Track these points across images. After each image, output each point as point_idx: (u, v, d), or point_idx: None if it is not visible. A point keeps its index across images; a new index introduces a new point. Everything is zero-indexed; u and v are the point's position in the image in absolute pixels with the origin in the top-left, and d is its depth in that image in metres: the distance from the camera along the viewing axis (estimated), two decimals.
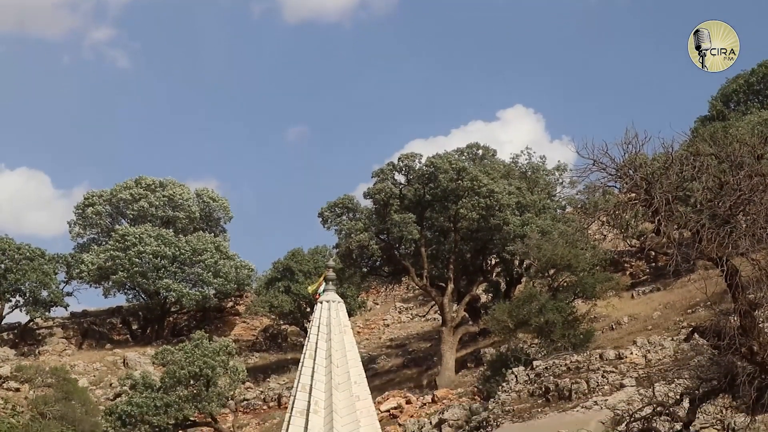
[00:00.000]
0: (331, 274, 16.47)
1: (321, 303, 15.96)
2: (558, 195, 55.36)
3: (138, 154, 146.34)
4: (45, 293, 62.50)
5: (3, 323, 65.17)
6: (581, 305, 40.82)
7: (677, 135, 18.50)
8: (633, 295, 47.90)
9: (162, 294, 64.32)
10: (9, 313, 64.55)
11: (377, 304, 71.30)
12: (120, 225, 67.11)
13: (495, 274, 54.26)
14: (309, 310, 55.20)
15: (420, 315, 65.01)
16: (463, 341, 50.64)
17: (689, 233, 17.22)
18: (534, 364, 35.31)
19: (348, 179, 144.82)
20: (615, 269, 50.28)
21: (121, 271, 62.31)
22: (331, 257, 44.09)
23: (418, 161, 48.35)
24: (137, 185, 68.30)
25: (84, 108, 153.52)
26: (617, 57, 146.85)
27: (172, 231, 65.46)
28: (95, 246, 66.38)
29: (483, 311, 50.14)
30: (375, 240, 48.85)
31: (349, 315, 17.34)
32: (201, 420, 42.92)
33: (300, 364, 15.57)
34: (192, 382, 41.21)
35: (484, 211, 46.18)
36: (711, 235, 16.43)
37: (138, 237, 62.99)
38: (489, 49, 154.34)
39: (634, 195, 17.73)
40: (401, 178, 48.78)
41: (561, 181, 55.16)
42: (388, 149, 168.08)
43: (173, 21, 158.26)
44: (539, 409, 32.23)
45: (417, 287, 54.67)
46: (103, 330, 68.07)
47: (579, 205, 49.39)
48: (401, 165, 48.56)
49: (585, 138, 17.56)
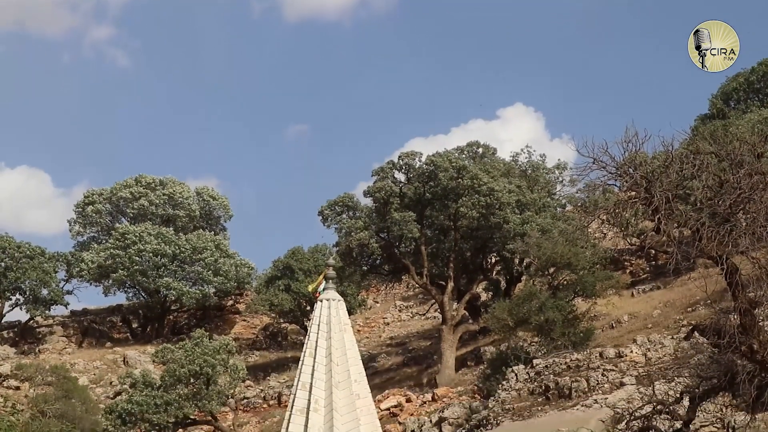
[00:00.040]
0: (331, 272, 16.45)
1: (321, 301, 15.94)
2: (558, 193, 55.40)
3: (138, 152, 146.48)
4: (45, 291, 62.56)
5: (3, 321, 65.20)
6: (581, 303, 40.83)
7: (677, 133, 18.50)
8: (633, 294, 47.94)
9: (162, 292, 64.35)
10: (9, 312, 64.66)
11: (377, 302, 71.31)
12: (120, 223, 67.13)
13: (495, 272, 54.30)
14: (309, 308, 55.20)
15: (420, 313, 65.02)
16: (463, 339, 50.67)
17: (689, 231, 17.22)
18: (534, 362, 35.32)
19: (348, 177, 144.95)
20: (615, 267, 50.28)
21: (121, 270, 62.35)
22: (331, 255, 44.14)
23: (418, 159, 48.31)
24: (137, 184, 68.30)
25: (84, 106, 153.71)
26: (617, 55, 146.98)
27: (172, 229, 65.46)
28: (95, 244, 66.37)
29: (483, 309, 50.19)
30: (375, 238, 48.84)
31: (349, 313, 17.32)
32: (201, 418, 42.92)
33: (300, 362, 15.56)
34: (192, 380, 41.21)
35: (484, 210, 46.17)
36: (711, 234, 16.42)
37: (138, 235, 63.00)
38: (489, 47, 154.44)
39: (634, 193, 17.74)
40: (401, 176, 48.76)
41: (561, 180, 55.24)
42: (388, 148, 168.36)
43: (173, 20, 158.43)
44: (539, 408, 32.24)
45: (417, 285, 54.70)
46: (104, 328, 68.10)
47: (579, 204, 49.40)
48: (401, 163, 48.54)
49: (585, 136, 17.61)
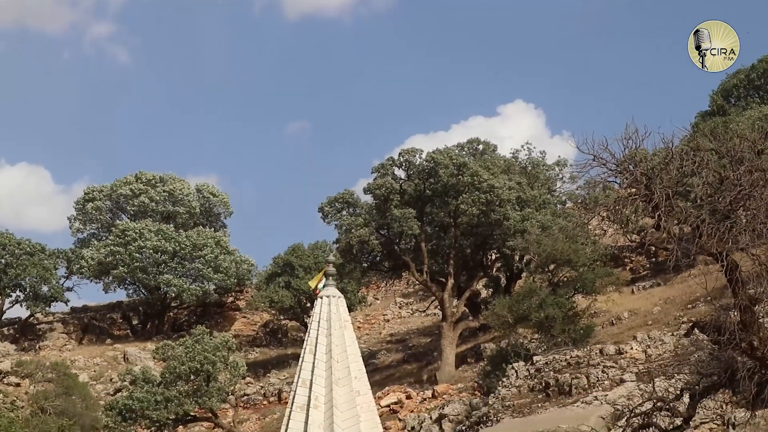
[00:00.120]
0: (332, 269, 16.46)
1: (321, 298, 15.95)
2: (558, 190, 55.42)
3: (138, 149, 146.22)
4: (45, 288, 62.60)
5: (3, 318, 65.21)
6: (581, 300, 40.84)
7: (677, 130, 18.49)
8: (633, 290, 47.95)
9: (162, 289, 64.38)
10: (9, 309, 64.71)
11: (377, 299, 71.32)
12: (120, 220, 67.18)
13: (495, 269, 54.30)
14: (309, 305, 55.20)
15: (420, 310, 65.01)
16: (463, 336, 50.68)
17: (689, 228, 17.21)
18: (534, 359, 35.34)
19: (348, 174, 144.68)
20: (615, 264, 50.28)
21: (122, 266, 62.39)
22: (332, 252, 44.12)
23: (418, 156, 48.30)
24: (137, 180, 68.30)
25: (84, 103, 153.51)
26: (618, 52, 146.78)
27: (172, 226, 65.46)
28: (95, 241, 66.36)
29: (483, 306, 50.21)
30: (375, 235, 48.83)
31: (350, 310, 17.33)
32: (201, 415, 42.99)
33: (300, 359, 15.56)
34: (192, 377, 41.28)
35: (484, 207, 46.16)
36: (711, 231, 16.42)
37: (138, 232, 63.00)
38: (490, 44, 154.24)
39: (634, 190, 17.74)
40: (401, 173, 48.75)
41: (561, 177, 55.25)
42: (388, 144, 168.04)
43: (174, 16, 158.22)
44: (539, 405, 32.25)
45: (417, 282, 54.74)
46: (104, 325, 68.13)
47: (579, 201, 49.33)
48: (401, 160, 48.52)
49: (585, 133, 17.61)
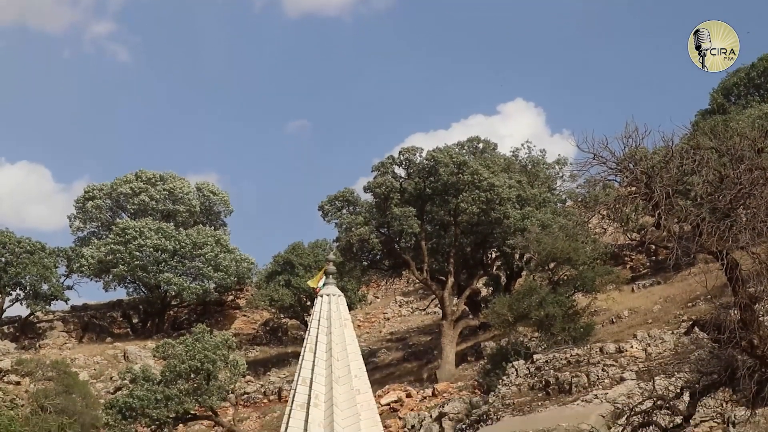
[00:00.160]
0: (332, 267, 16.45)
1: (321, 296, 15.95)
2: (558, 189, 55.41)
3: (138, 147, 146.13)
4: (45, 287, 62.58)
5: (3, 317, 65.24)
6: (581, 299, 40.85)
7: (677, 128, 18.48)
8: (633, 289, 47.97)
9: (162, 287, 64.39)
10: (9, 307, 64.69)
11: (377, 297, 71.33)
12: (120, 218, 67.11)
13: (495, 267, 54.29)
14: (309, 303, 55.22)
15: (420, 308, 65.04)
16: (464, 335, 50.70)
17: (689, 227, 17.21)
18: (534, 357, 35.34)
19: (348, 173, 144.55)
20: (615, 263, 50.29)
21: (122, 265, 62.39)
22: (332, 251, 44.10)
23: (418, 155, 48.31)
24: (137, 179, 68.29)
25: (84, 102, 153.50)
26: (618, 50, 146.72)
27: (172, 224, 65.48)
28: (95, 240, 66.39)
29: (483, 305, 50.18)
30: (375, 234, 48.83)
31: (350, 308, 17.33)
32: (201, 413, 43.01)
33: (300, 357, 15.56)
34: (192, 375, 41.27)
35: (484, 205, 46.16)
36: (711, 229, 16.42)
37: (138, 230, 63.00)
38: (490, 42, 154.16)
39: (634, 189, 17.74)
40: (402, 171, 48.78)
41: (561, 175, 55.29)
42: (388, 143, 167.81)
43: (174, 15, 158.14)
44: (539, 403, 32.25)
45: (417, 281, 54.74)
46: (104, 323, 68.16)
47: (579, 199, 49.37)
48: (402, 158, 48.54)
49: (585, 132, 17.62)
